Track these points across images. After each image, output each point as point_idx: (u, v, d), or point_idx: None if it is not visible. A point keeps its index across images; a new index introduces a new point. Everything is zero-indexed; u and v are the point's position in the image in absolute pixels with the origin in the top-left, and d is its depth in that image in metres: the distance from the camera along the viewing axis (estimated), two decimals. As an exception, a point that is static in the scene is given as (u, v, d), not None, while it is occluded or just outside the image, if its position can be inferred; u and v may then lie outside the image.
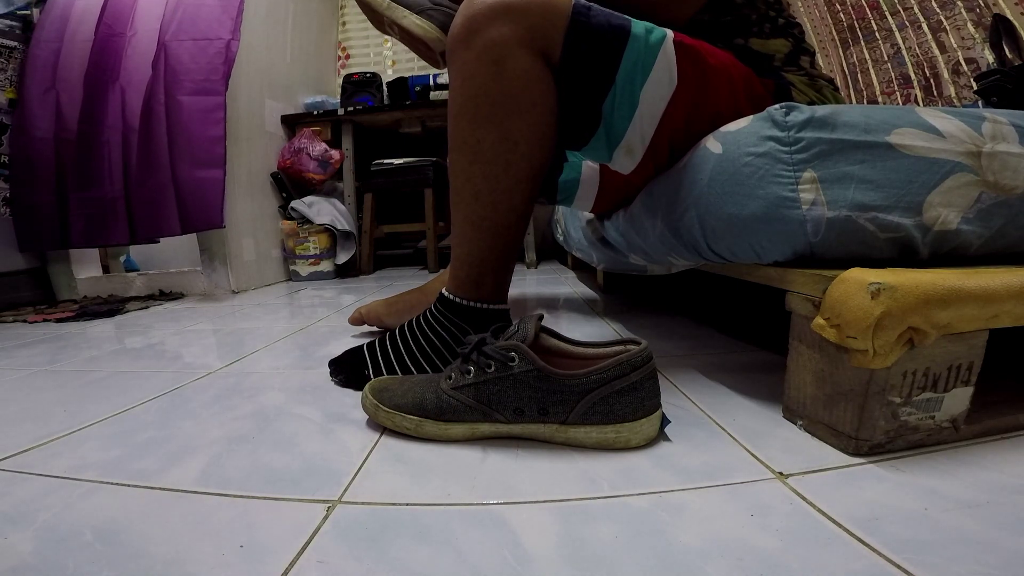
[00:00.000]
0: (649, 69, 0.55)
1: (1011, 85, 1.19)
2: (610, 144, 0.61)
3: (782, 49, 0.65)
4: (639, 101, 0.57)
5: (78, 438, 0.52)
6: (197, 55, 1.50)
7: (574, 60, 0.54)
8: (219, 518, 0.37)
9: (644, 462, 0.42)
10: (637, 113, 0.57)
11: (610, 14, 0.55)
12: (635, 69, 0.55)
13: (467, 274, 0.60)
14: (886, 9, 1.77)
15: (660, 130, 0.59)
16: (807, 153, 0.45)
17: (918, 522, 0.32)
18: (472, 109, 0.55)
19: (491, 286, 0.60)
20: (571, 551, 0.31)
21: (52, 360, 0.87)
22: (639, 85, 0.56)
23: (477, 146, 0.56)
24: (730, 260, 0.55)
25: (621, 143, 0.61)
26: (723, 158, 0.50)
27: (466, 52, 0.54)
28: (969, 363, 0.41)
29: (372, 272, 2.15)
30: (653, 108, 0.57)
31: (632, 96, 0.56)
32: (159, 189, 1.48)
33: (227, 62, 1.52)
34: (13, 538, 0.35)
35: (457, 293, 0.61)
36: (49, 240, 1.59)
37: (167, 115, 1.47)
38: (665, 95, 0.57)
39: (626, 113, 0.58)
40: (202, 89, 1.50)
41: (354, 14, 2.71)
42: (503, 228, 0.58)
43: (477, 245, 0.58)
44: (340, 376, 0.64)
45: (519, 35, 0.53)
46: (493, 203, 0.57)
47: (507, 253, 0.60)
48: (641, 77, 0.56)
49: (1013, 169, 0.45)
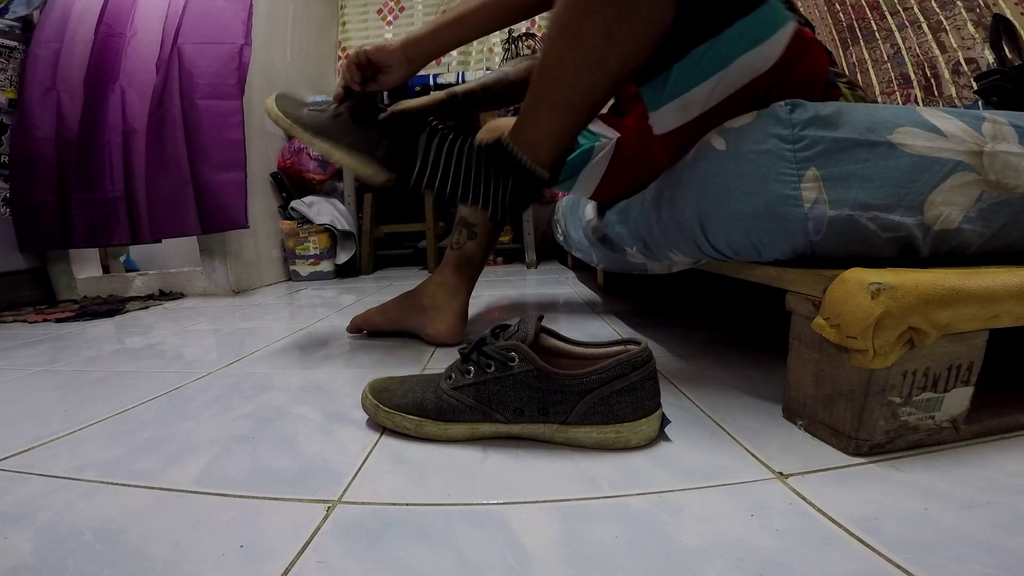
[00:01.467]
0: (761, 41, 0.54)
1: (1011, 85, 1.18)
2: (674, 91, 0.60)
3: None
4: (732, 63, 0.55)
5: (78, 438, 0.52)
6: (212, 59, 1.51)
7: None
8: (219, 518, 0.37)
9: (644, 462, 0.42)
10: (722, 72, 0.56)
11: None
12: (750, 32, 0.54)
13: (528, 138, 0.63)
14: (886, 9, 1.77)
15: (726, 101, 0.58)
16: (810, 151, 0.45)
17: (918, 522, 0.32)
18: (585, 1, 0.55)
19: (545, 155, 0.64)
20: (571, 551, 0.31)
21: (52, 360, 0.87)
22: (743, 49, 0.54)
23: (579, 33, 0.55)
24: (731, 257, 0.55)
25: (685, 95, 0.59)
26: (726, 154, 0.50)
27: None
28: (969, 363, 0.41)
29: (372, 272, 2.15)
30: (739, 76, 0.56)
31: (729, 55, 0.55)
32: (176, 190, 1.50)
33: (241, 67, 1.54)
34: (13, 538, 0.35)
35: (517, 142, 0.64)
36: (50, 240, 1.59)
37: (184, 118, 1.48)
38: (756, 72, 0.55)
39: (712, 68, 0.56)
40: (219, 93, 1.51)
41: (354, 14, 2.71)
42: (575, 110, 0.61)
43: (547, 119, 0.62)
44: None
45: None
46: (573, 86, 0.58)
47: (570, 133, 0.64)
48: (749, 43, 0.54)
49: (1015, 168, 0.45)
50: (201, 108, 1.49)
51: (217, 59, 1.52)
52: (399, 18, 2.66)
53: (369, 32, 2.69)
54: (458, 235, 0.91)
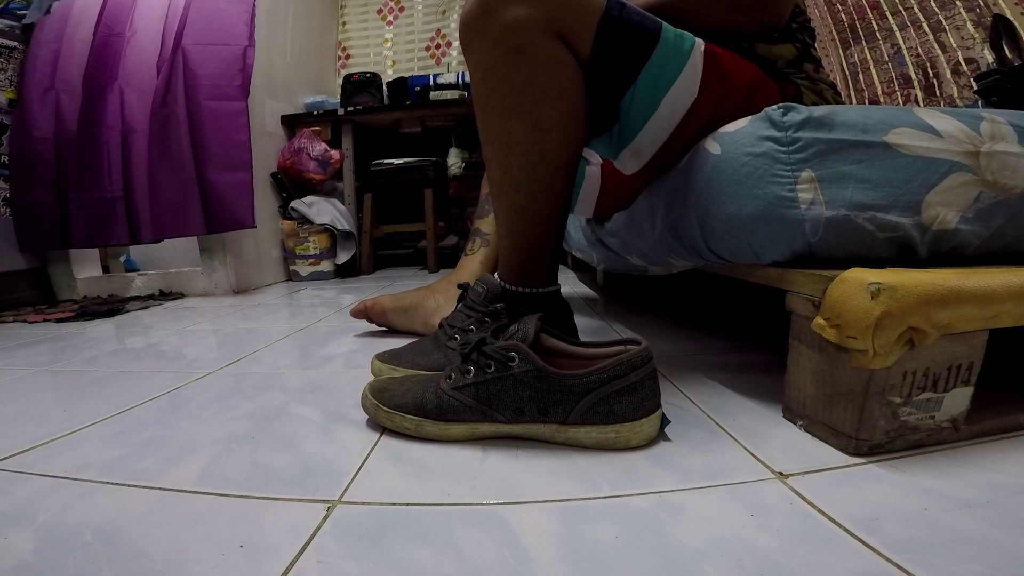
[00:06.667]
0: (675, 76, 0.54)
1: (1011, 85, 1.18)
2: (619, 143, 0.61)
3: (786, 55, 0.65)
4: (659, 105, 0.56)
5: (78, 438, 0.52)
6: (216, 60, 1.52)
7: (602, 54, 0.53)
8: (219, 518, 0.37)
9: (644, 462, 0.42)
10: (654, 117, 0.56)
11: (643, 14, 0.54)
12: (661, 73, 0.54)
13: (518, 261, 0.60)
14: (886, 9, 1.77)
15: (673, 137, 0.58)
16: (805, 153, 0.45)
17: (918, 522, 0.32)
18: (499, 101, 0.53)
19: (542, 271, 0.61)
20: (571, 551, 0.31)
21: (52, 360, 0.87)
22: (662, 90, 0.55)
23: (509, 138, 0.54)
24: (729, 261, 0.55)
25: (630, 145, 0.60)
26: (721, 159, 0.50)
27: (482, 41, 0.52)
28: (969, 363, 0.41)
29: (372, 272, 2.15)
30: (671, 115, 0.56)
31: (652, 100, 0.55)
32: (181, 190, 1.50)
33: (245, 68, 1.54)
34: (13, 538, 0.35)
35: (511, 281, 0.61)
36: (48, 240, 1.59)
37: (189, 118, 1.49)
38: (686, 103, 0.55)
39: (642, 115, 0.57)
40: (224, 94, 1.52)
41: (354, 14, 2.71)
42: (547, 215, 0.57)
43: (524, 234, 0.58)
44: None
45: (537, 18, 0.50)
46: (533, 193, 0.56)
47: (554, 238, 0.60)
48: (665, 83, 0.54)
49: (1012, 169, 0.45)
50: (206, 109, 1.49)
51: (221, 60, 1.52)
52: (399, 18, 2.66)
53: (369, 32, 2.69)
54: (472, 243, 0.93)
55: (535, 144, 0.54)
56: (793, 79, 0.64)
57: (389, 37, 2.67)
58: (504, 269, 0.61)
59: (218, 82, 1.51)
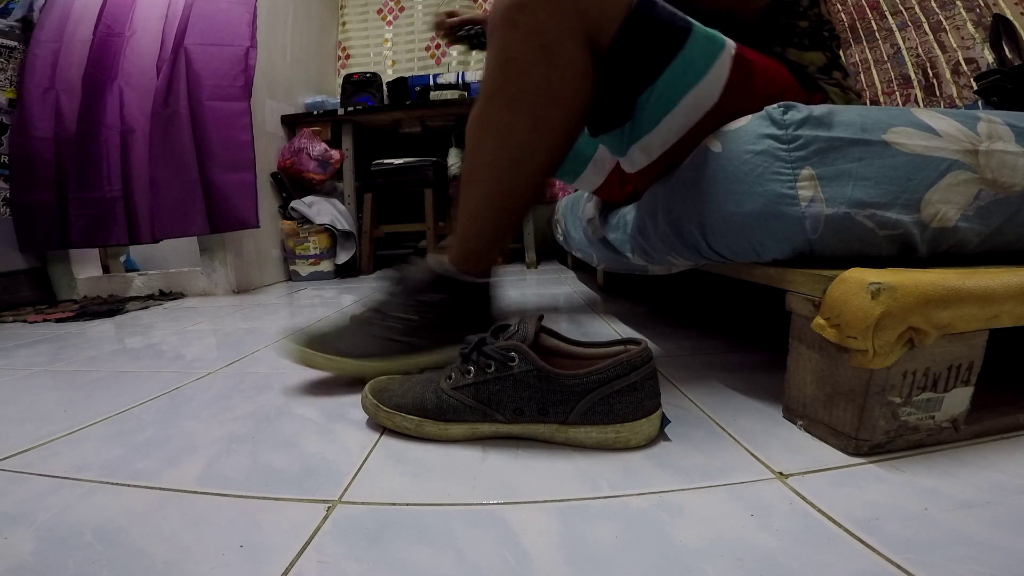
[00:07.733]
0: (699, 79, 0.53)
1: (1011, 85, 1.18)
2: (630, 139, 0.60)
3: (816, 61, 0.63)
4: (676, 106, 0.54)
5: (78, 438, 0.52)
6: (219, 61, 1.52)
7: (624, 50, 0.52)
8: (219, 518, 0.37)
9: (644, 462, 0.42)
10: (669, 116, 0.55)
11: (674, 12, 0.52)
12: (684, 74, 0.53)
13: (473, 248, 0.60)
14: (886, 9, 1.77)
15: (684, 138, 0.57)
16: (805, 151, 0.45)
17: (918, 522, 0.32)
18: (510, 92, 0.53)
19: (490, 264, 0.62)
20: (571, 551, 0.31)
21: (52, 360, 0.87)
22: (683, 91, 0.53)
23: (507, 130, 0.54)
24: (730, 259, 0.55)
25: (641, 141, 0.59)
26: (722, 156, 0.50)
27: (512, 31, 0.51)
28: (969, 363, 0.41)
29: (372, 272, 2.15)
30: (688, 116, 0.55)
31: (671, 99, 0.54)
32: (184, 190, 1.50)
33: (248, 69, 1.55)
34: (13, 538, 0.35)
35: (464, 268, 0.61)
36: (48, 240, 1.59)
37: (192, 118, 1.49)
38: (704, 106, 0.54)
39: (658, 114, 0.56)
40: (226, 95, 1.52)
41: (354, 14, 2.71)
42: (517, 212, 0.58)
43: (491, 225, 0.58)
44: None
45: (571, 23, 0.50)
46: (511, 190, 0.56)
47: (513, 234, 0.61)
48: (687, 84, 0.53)
49: (1011, 167, 0.45)
50: (209, 109, 1.49)
51: (224, 61, 1.52)
52: (399, 18, 2.66)
53: (369, 32, 2.69)
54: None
55: (530, 143, 0.54)
56: (823, 85, 0.63)
57: (389, 37, 2.67)
58: (460, 256, 0.61)
59: (220, 82, 1.51)
